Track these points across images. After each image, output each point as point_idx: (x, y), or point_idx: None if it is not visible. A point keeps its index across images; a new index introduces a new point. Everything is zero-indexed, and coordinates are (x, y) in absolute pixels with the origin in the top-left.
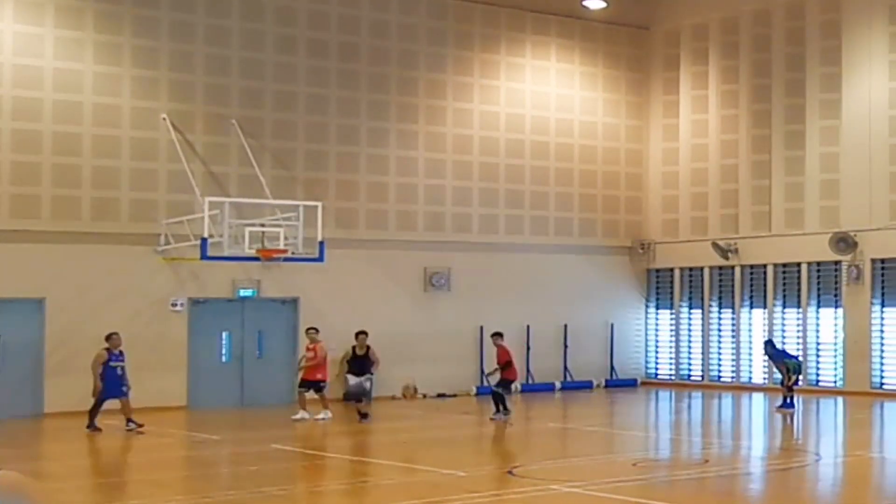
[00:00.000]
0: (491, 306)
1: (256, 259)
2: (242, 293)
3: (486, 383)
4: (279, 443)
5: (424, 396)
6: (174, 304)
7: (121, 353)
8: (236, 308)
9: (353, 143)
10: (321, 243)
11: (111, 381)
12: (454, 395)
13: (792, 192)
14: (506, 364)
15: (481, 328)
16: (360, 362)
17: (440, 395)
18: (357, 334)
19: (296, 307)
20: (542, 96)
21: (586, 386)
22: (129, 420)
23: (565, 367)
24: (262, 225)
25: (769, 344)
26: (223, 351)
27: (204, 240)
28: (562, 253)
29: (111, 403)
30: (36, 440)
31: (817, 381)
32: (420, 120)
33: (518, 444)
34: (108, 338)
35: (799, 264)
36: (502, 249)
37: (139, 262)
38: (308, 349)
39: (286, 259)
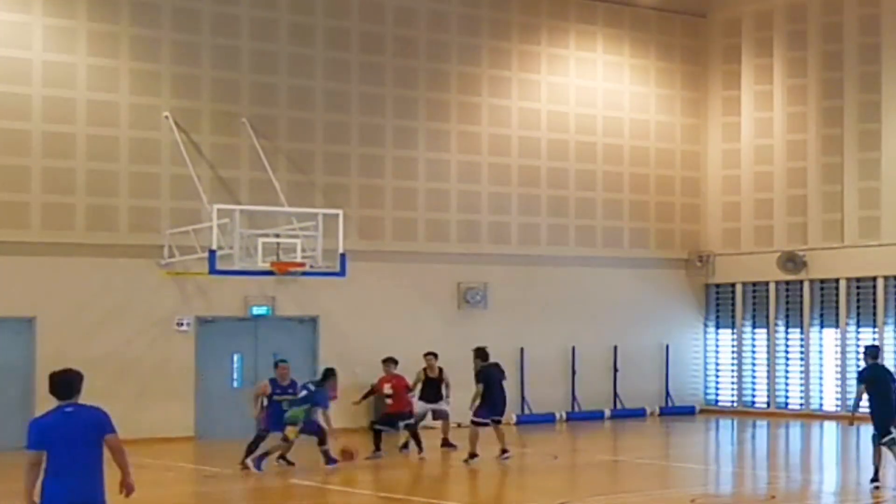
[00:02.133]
0: (532, 326)
1: (271, 273)
2: (255, 311)
3: (530, 410)
4: (297, 478)
5: (459, 425)
6: (180, 324)
7: (289, 385)
8: (249, 328)
9: (377, 145)
10: (342, 256)
11: (275, 416)
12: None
13: (867, 198)
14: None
15: (522, 350)
16: (435, 386)
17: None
18: (426, 355)
19: (315, 327)
20: (587, 92)
21: (639, 414)
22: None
23: (615, 394)
24: (277, 235)
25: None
26: (234, 375)
27: (212, 252)
28: (611, 266)
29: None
30: None
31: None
32: (452, 118)
33: (564, 478)
34: (275, 367)
35: (875, 278)
36: (544, 262)
37: (140, 277)
38: (384, 381)
39: (304, 273)
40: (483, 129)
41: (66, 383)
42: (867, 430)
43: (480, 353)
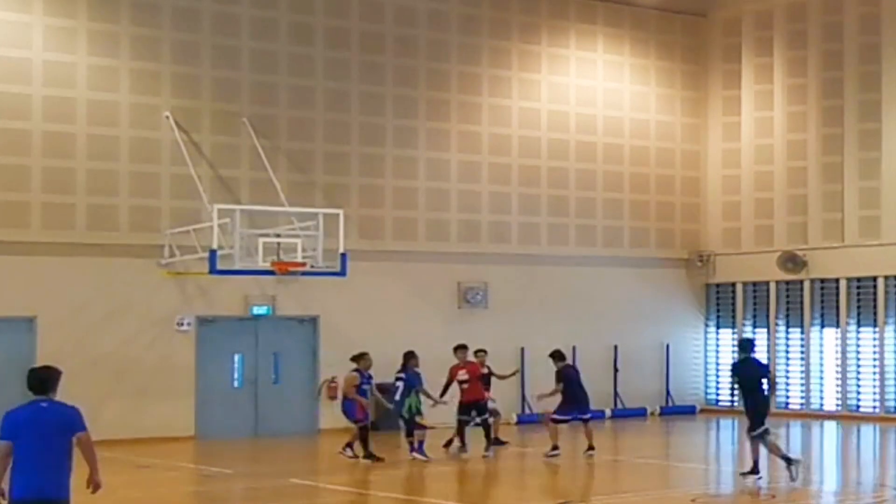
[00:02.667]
0: (532, 325)
1: (271, 273)
2: (256, 311)
3: (531, 410)
4: (298, 477)
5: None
6: (180, 324)
7: (370, 375)
8: (249, 328)
9: (377, 144)
10: (343, 255)
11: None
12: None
13: (867, 197)
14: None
15: (522, 349)
16: (485, 383)
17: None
18: (476, 352)
19: (315, 326)
20: (587, 91)
21: (639, 414)
22: (349, 445)
23: (616, 393)
24: (278, 235)
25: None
26: (235, 375)
27: (213, 252)
28: (611, 266)
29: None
30: None
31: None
32: (452, 117)
33: (565, 478)
34: (357, 358)
35: (875, 278)
36: (545, 262)
37: (140, 277)
38: (458, 369)
39: (304, 273)
40: (483, 128)
41: (43, 379)
42: (867, 430)
43: (557, 355)
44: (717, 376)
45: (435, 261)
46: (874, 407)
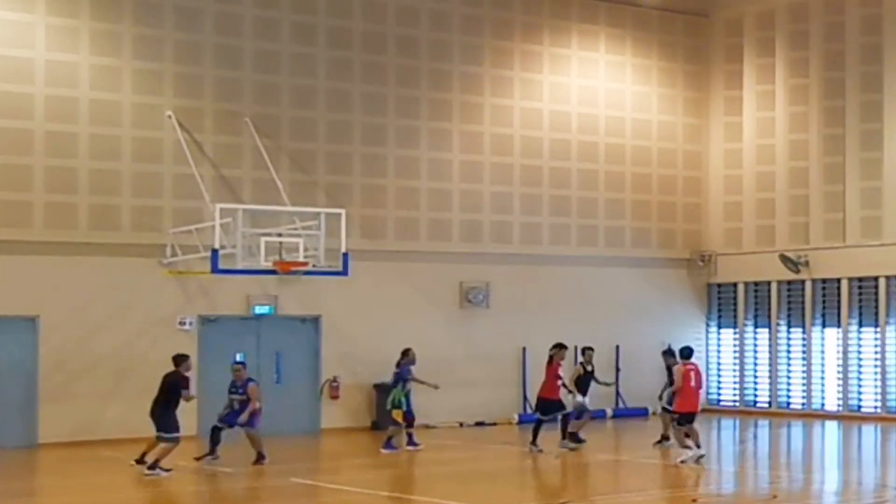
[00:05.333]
0: (534, 325)
1: (273, 273)
2: (258, 310)
3: (531, 409)
4: (299, 476)
5: (461, 424)
6: (182, 323)
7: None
8: (251, 327)
9: (379, 144)
10: (345, 255)
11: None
12: (494, 424)
13: (868, 197)
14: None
15: (524, 349)
16: (590, 380)
17: (478, 424)
18: (585, 349)
19: (317, 326)
20: (589, 91)
21: (641, 413)
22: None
23: (617, 393)
24: (280, 235)
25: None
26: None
27: (215, 251)
28: (613, 266)
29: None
30: (29, 473)
31: None
32: (454, 118)
33: (566, 477)
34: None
35: (876, 278)
36: (546, 262)
37: (142, 277)
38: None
39: (306, 273)
40: (485, 128)
41: None
42: (869, 430)
43: (676, 352)
44: (719, 376)
45: (437, 261)
46: (875, 407)
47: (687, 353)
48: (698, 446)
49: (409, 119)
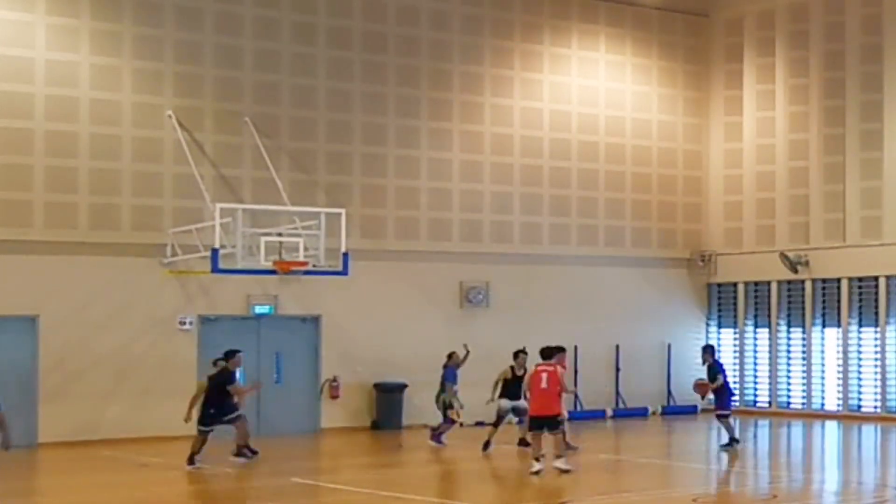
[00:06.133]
0: (534, 325)
1: (273, 272)
2: (258, 310)
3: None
4: (299, 476)
5: (461, 424)
6: (182, 323)
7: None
8: (251, 327)
9: (379, 144)
10: (345, 255)
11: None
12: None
13: (869, 197)
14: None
15: (524, 349)
16: (519, 384)
17: (478, 424)
18: (516, 353)
19: (317, 326)
20: (589, 91)
21: (641, 413)
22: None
23: (617, 393)
24: (280, 234)
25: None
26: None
27: (215, 251)
28: (613, 266)
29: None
30: (29, 473)
31: None
32: (454, 117)
33: (565, 477)
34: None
35: (877, 278)
36: (546, 261)
37: (142, 276)
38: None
39: (306, 272)
40: (485, 128)
41: None
42: (869, 430)
43: (713, 349)
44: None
45: (437, 260)
46: (875, 407)
47: (547, 353)
48: (537, 459)
49: (410, 119)
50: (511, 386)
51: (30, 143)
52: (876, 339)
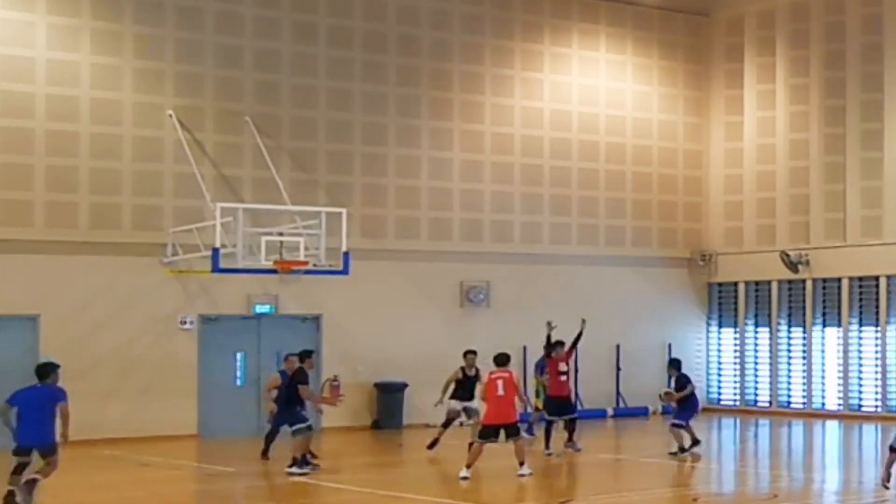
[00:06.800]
0: (534, 324)
1: (274, 272)
2: (259, 309)
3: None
4: (299, 475)
5: (462, 424)
6: (183, 322)
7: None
8: (252, 326)
9: (380, 143)
10: (346, 254)
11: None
12: None
13: (869, 197)
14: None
15: (524, 348)
16: (471, 384)
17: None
18: (465, 354)
19: (318, 325)
20: (590, 90)
21: (642, 413)
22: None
23: (618, 392)
24: (281, 234)
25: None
26: (237, 374)
27: (215, 250)
28: (613, 265)
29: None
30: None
31: None
32: (455, 117)
33: (567, 476)
34: (285, 359)
35: (877, 277)
36: (547, 261)
37: (143, 276)
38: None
39: (307, 272)
40: (486, 127)
41: (40, 370)
42: (869, 430)
43: (678, 364)
44: (720, 375)
45: (437, 260)
46: (876, 406)
47: (501, 360)
48: (468, 466)
49: (410, 118)
50: (462, 387)
51: (30, 142)
52: (876, 338)
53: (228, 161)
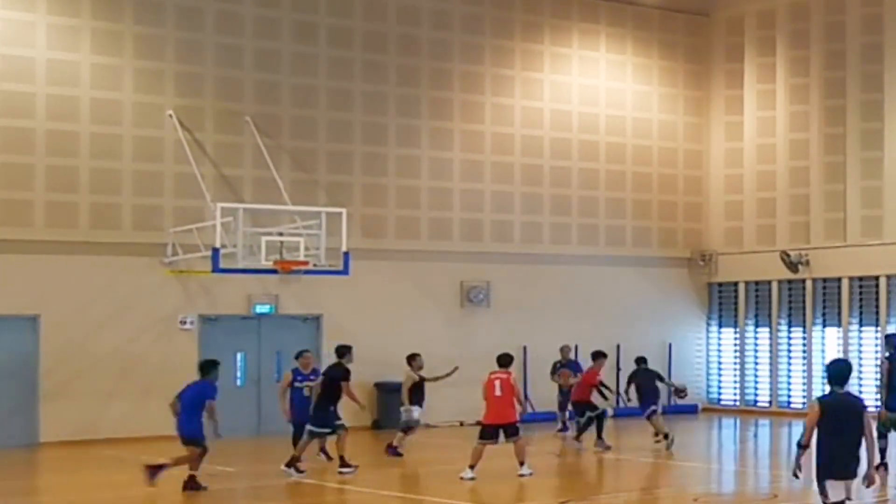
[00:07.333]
0: (535, 324)
1: (274, 272)
2: (259, 309)
3: (533, 409)
4: (299, 475)
5: (462, 424)
6: (183, 322)
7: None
8: (252, 326)
9: (380, 143)
10: (346, 254)
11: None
12: None
13: (869, 197)
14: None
15: (525, 348)
16: (424, 386)
17: (479, 423)
18: (410, 358)
19: (318, 325)
20: (590, 90)
21: (642, 413)
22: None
23: (618, 392)
24: (281, 234)
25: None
26: (238, 374)
27: (216, 250)
28: (613, 265)
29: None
30: (30, 472)
31: None
32: (455, 117)
33: (567, 476)
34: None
35: (877, 277)
36: (547, 261)
37: (143, 276)
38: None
39: (307, 272)
40: (486, 127)
41: (201, 366)
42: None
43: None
44: (720, 375)
45: (437, 260)
46: (876, 406)
47: (504, 360)
48: (472, 467)
49: (410, 118)
50: (419, 390)
51: (30, 142)
52: (877, 338)
53: (228, 161)
